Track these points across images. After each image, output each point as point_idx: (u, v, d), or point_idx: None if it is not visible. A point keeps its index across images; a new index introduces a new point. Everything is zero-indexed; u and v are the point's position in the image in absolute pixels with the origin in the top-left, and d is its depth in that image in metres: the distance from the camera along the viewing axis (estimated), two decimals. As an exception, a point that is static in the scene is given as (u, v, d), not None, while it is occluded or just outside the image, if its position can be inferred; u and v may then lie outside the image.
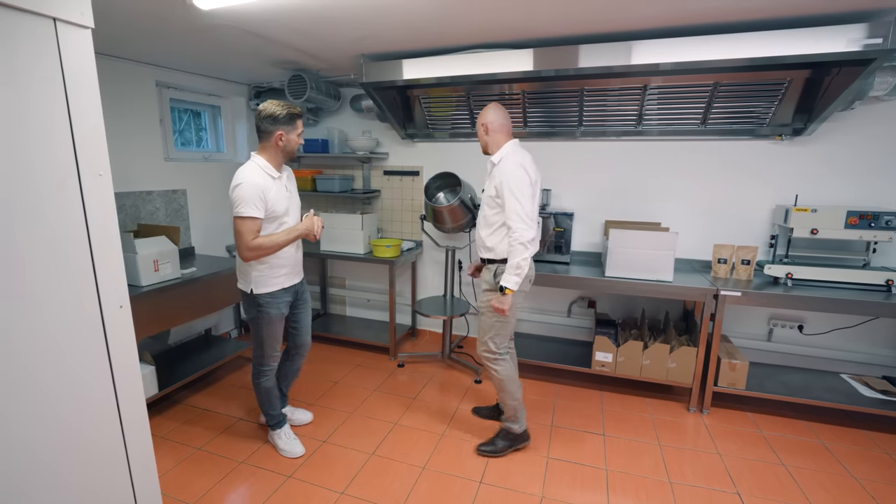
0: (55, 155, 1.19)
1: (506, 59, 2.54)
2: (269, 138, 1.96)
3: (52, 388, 1.22)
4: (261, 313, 2.05)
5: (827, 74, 2.40)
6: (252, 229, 1.88)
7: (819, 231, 2.51)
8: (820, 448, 2.36)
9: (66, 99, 1.22)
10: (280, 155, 2.00)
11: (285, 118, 1.94)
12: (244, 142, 3.79)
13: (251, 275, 2.02)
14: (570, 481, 2.08)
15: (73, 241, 1.24)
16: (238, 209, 1.86)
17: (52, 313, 1.20)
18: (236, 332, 3.80)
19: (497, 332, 2.16)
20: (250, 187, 1.86)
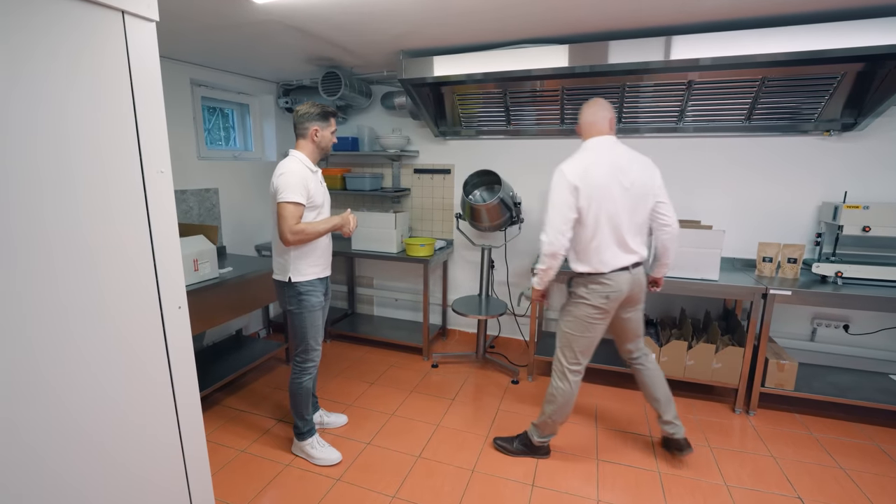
0: (122, 151, 1.16)
1: (541, 55, 2.50)
2: (305, 134, 2.05)
3: (117, 389, 1.19)
4: (301, 302, 2.05)
5: (882, 68, 2.33)
6: (296, 214, 1.93)
7: (871, 228, 2.45)
8: (876, 451, 2.30)
9: (132, 94, 1.19)
10: (316, 151, 2.09)
11: (320, 115, 2.05)
12: (272, 140, 3.76)
13: (289, 263, 2.04)
14: (623, 484, 2.04)
15: (136, 240, 1.22)
16: (284, 194, 1.90)
17: (119, 315, 1.17)
18: (265, 332, 3.78)
19: (566, 345, 2.05)
20: (294, 175, 1.93)
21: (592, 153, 1.90)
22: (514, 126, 3.25)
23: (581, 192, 1.82)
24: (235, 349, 3.14)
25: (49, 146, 1.00)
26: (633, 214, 1.89)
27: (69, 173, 1.04)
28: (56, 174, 1.02)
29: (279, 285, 2.10)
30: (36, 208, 0.99)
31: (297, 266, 2.04)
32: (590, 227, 1.87)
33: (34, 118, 0.97)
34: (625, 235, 1.88)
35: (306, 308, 2.07)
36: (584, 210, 1.84)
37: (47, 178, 1.00)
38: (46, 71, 0.99)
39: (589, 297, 1.94)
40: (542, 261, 1.93)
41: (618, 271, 1.91)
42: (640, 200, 1.90)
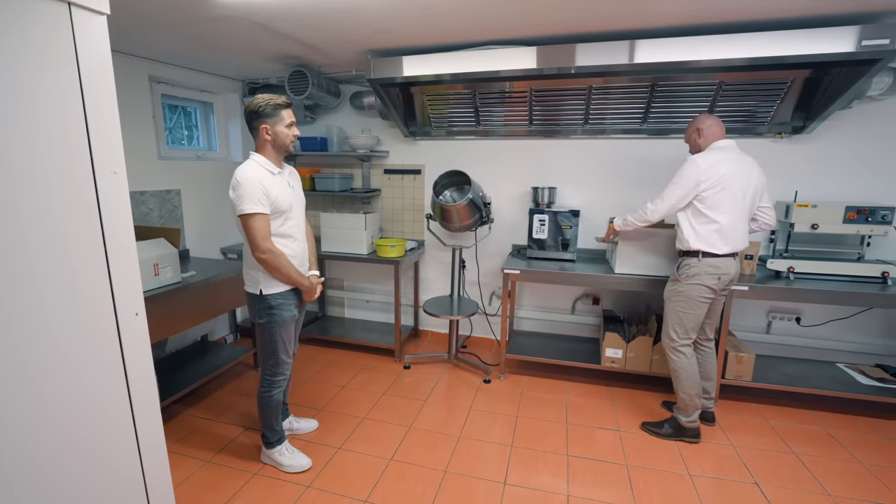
0: (69, 150, 1.10)
1: (510, 57, 2.53)
2: (256, 134, 1.88)
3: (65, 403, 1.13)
4: (272, 316, 1.95)
5: (827, 74, 2.47)
6: (262, 227, 1.81)
7: (819, 226, 2.59)
8: (826, 436, 2.43)
9: (81, 90, 1.13)
10: (272, 149, 1.90)
11: (268, 110, 1.84)
12: (238, 140, 3.66)
13: (259, 275, 1.92)
14: (593, 478, 2.08)
15: (87, 244, 1.16)
16: (242, 206, 1.77)
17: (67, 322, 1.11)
18: (232, 338, 3.67)
19: (678, 323, 2.25)
20: (249, 182, 1.78)
21: (721, 152, 2.14)
22: (484, 127, 3.27)
23: (707, 182, 2.08)
24: (200, 356, 3.04)
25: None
26: (745, 208, 2.15)
27: (4, 174, 0.98)
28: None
29: (250, 297, 1.99)
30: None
31: (268, 278, 1.92)
32: (712, 212, 2.11)
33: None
34: (738, 225, 2.14)
35: (277, 322, 1.96)
36: (709, 197, 2.09)
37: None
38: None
39: (702, 276, 2.15)
40: (638, 220, 2.31)
41: (728, 256, 2.15)
42: (752, 198, 2.16)
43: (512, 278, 2.83)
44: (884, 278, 2.53)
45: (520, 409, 2.66)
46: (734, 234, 2.15)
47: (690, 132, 2.27)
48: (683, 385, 2.28)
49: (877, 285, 2.51)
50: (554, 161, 3.22)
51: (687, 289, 2.21)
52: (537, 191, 3.05)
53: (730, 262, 2.18)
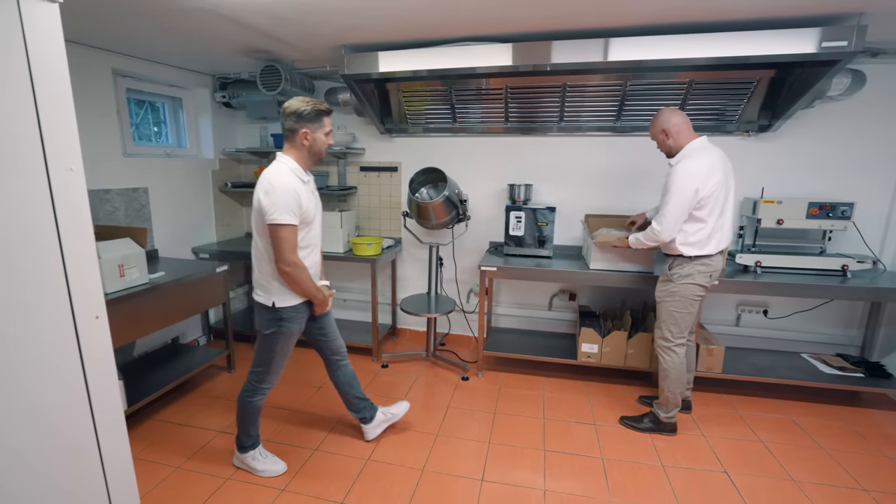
0: (19, 146, 1.05)
1: (486, 53, 2.52)
2: (294, 137, 1.81)
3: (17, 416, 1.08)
4: (281, 328, 1.88)
5: (790, 74, 2.55)
6: (292, 239, 1.74)
7: (784, 221, 2.68)
8: (791, 424, 2.52)
9: (32, 83, 1.08)
10: (307, 156, 1.84)
11: (311, 115, 1.79)
12: (209, 137, 3.56)
13: (273, 285, 1.84)
14: (569, 472, 2.11)
15: (41, 244, 1.11)
16: (275, 215, 1.69)
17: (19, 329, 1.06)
18: (205, 340, 3.58)
19: (673, 322, 2.25)
20: (286, 191, 1.70)
21: (706, 154, 2.11)
22: (460, 124, 3.26)
23: (703, 189, 2.06)
24: (171, 359, 2.95)
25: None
26: (730, 205, 2.17)
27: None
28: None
29: (261, 307, 1.90)
30: None
31: (283, 290, 1.85)
32: (704, 217, 2.11)
33: None
34: (725, 223, 2.17)
35: (283, 334, 1.90)
36: (706, 205, 2.09)
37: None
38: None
39: (695, 275, 2.18)
40: (650, 240, 2.22)
41: (717, 254, 2.18)
42: (731, 193, 2.18)
43: (489, 275, 2.83)
44: (843, 271, 2.63)
45: (498, 406, 2.67)
46: (720, 234, 2.17)
47: (656, 132, 2.20)
48: (671, 384, 2.30)
49: (837, 278, 2.61)
50: (530, 158, 3.23)
51: (681, 289, 2.22)
52: (514, 188, 3.07)
53: (718, 258, 2.21)
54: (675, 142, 2.16)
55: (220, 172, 3.63)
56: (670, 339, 2.29)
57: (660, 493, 1.97)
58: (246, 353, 3.34)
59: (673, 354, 2.29)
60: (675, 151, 2.18)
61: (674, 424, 2.40)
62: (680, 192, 2.07)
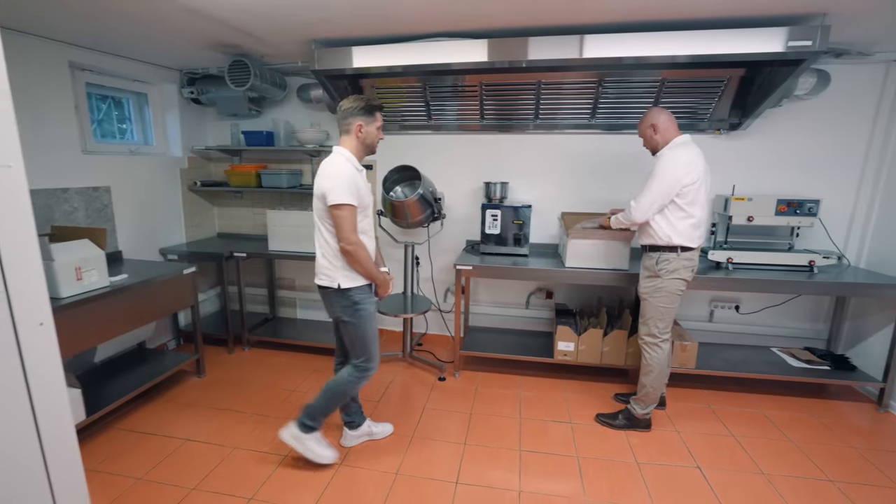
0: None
1: (461, 49, 2.49)
2: (349, 130, 1.94)
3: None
4: (358, 312, 1.96)
5: (759, 73, 2.59)
6: (352, 218, 1.85)
7: (754, 218, 2.72)
8: (761, 417, 2.57)
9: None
10: (361, 148, 1.97)
11: (364, 109, 1.93)
12: (177, 134, 3.44)
13: (338, 270, 1.93)
14: (544, 472, 2.10)
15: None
16: (337, 197, 1.80)
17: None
18: (174, 344, 3.46)
19: (659, 318, 2.27)
20: (346, 176, 1.83)
21: (689, 147, 2.16)
22: (435, 121, 3.23)
23: (684, 179, 2.10)
24: (137, 364, 2.84)
25: None
26: (706, 202, 2.20)
27: None
28: None
29: (327, 292, 1.98)
30: None
31: (347, 272, 1.93)
32: (691, 207, 2.14)
33: None
34: (704, 218, 2.20)
35: (364, 316, 1.97)
36: (689, 193, 2.11)
37: None
38: None
39: (681, 270, 2.20)
40: (627, 219, 2.28)
41: (697, 249, 2.22)
42: (707, 190, 2.20)
43: (465, 274, 2.81)
44: (810, 267, 2.69)
45: (474, 406, 2.65)
46: (703, 229, 2.22)
47: (645, 128, 2.26)
48: (654, 380, 2.31)
49: (805, 273, 2.66)
50: (506, 156, 3.22)
51: (667, 284, 2.23)
52: (490, 186, 3.04)
53: (697, 254, 2.25)
54: (661, 138, 2.21)
55: (189, 171, 3.52)
56: (657, 335, 2.30)
57: (634, 491, 1.98)
58: (218, 357, 3.25)
59: (659, 350, 2.30)
60: (660, 147, 2.22)
61: (648, 420, 2.41)
62: (662, 178, 2.13)
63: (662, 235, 2.20)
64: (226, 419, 2.49)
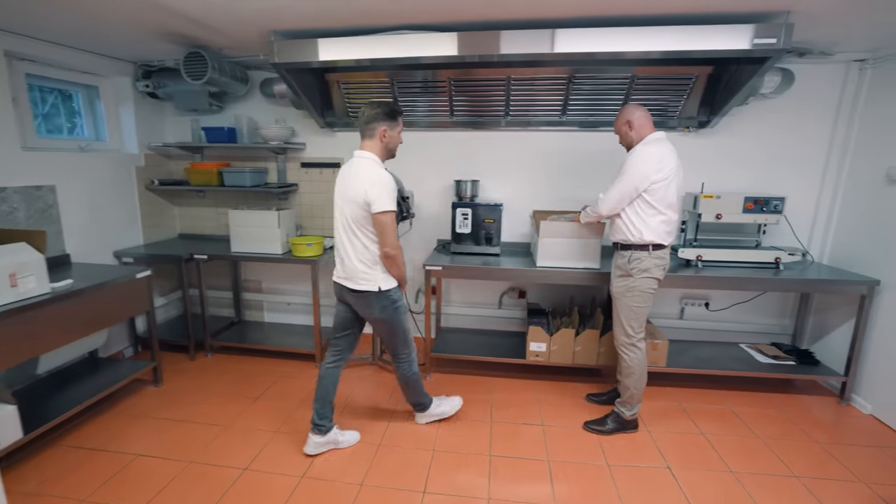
0: None
1: (430, 42, 2.41)
2: (373, 135, 2.00)
3: None
4: (398, 308, 2.10)
5: (726, 71, 2.60)
6: (395, 224, 1.97)
7: (723, 216, 2.73)
8: (730, 414, 2.58)
9: None
10: (384, 152, 2.05)
11: (388, 114, 2.00)
12: (132, 130, 3.25)
13: (378, 273, 2.01)
14: (514, 477, 2.05)
15: None
16: (383, 204, 1.88)
17: None
18: (132, 351, 3.29)
19: (633, 318, 2.24)
20: (388, 183, 1.92)
21: (664, 143, 2.13)
22: (405, 117, 3.12)
23: (659, 173, 2.06)
24: (88, 375, 2.67)
25: None
26: (677, 200, 2.17)
27: None
28: None
29: (366, 296, 2.03)
30: None
31: (385, 276, 2.04)
32: (661, 204, 2.11)
33: None
34: (675, 216, 2.17)
35: (402, 312, 2.12)
36: (659, 190, 2.08)
37: None
38: None
39: (653, 269, 2.18)
40: (594, 212, 2.30)
41: (667, 247, 2.20)
42: (678, 189, 2.17)
43: (434, 275, 2.74)
44: (776, 264, 2.72)
45: (445, 410, 2.58)
46: (674, 226, 2.20)
47: (620, 124, 2.23)
48: (637, 381, 2.28)
49: (771, 270, 2.69)
50: (477, 153, 3.16)
51: (640, 283, 2.20)
52: (460, 184, 2.98)
53: (668, 252, 2.23)
54: (636, 134, 2.18)
55: (146, 169, 3.34)
56: (632, 335, 2.27)
57: (604, 495, 1.94)
58: (178, 365, 3.10)
59: (637, 351, 2.27)
60: (635, 144, 2.19)
61: (636, 421, 2.39)
62: (631, 173, 2.10)
63: (634, 232, 2.17)
64: (182, 431, 2.36)
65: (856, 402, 2.67)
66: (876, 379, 2.55)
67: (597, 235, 2.60)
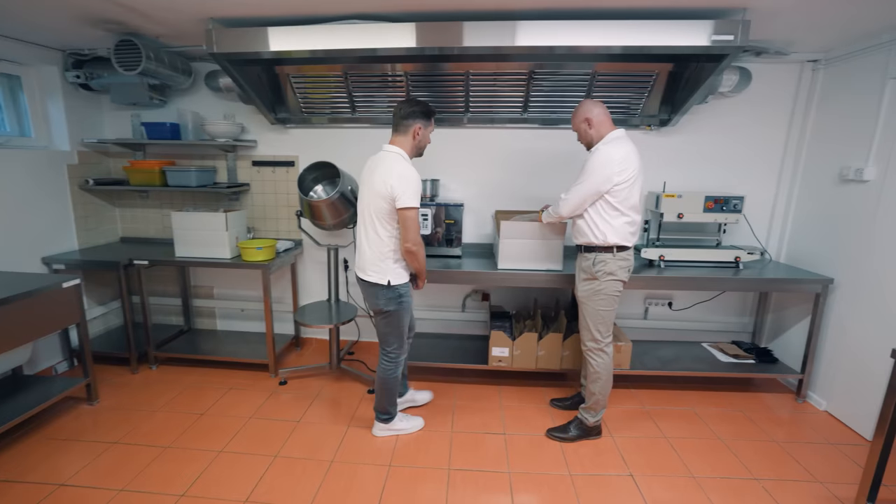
0: None
1: (387, 33, 2.27)
2: (406, 131, 2.03)
3: None
4: (402, 303, 2.11)
5: (686, 69, 2.57)
6: (418, 220, 1.99)
7: (684, 215, 2.71)
8: (692, 415, 2.57)
9: None
10: (414, 149, 2.08)
11: (425, 113, 2.03)
12: (62, 124, 2.98)
13: (389, 265, 2.05)
14: (473, 492, 1.95)
15: None
16: (409, 200, 1.91)
17: None
18: (66, 366, 3.03)
19: (600, 322, 2.19)
20: (416, 179, 1.95)
21: (625, 143, 2.05)
22: (361, 113, 3.00)
23: (616, 178, 2.00)
24: (8, 395, 2.42)
25: None
26: (639, 200, 2.12)
27: None
28: None
29: (374, 288, 2.08)
30: None
31: (397, 269, 2.07)
32: (624, 206, 2.05)
33: None
34: (638, 218, 2.12)
35: (405, 307, 2.13)
36: (622, 191, 2.02)
37: None
38: None
39: (618, 272, 2.13)
40: (556, 212, 2.23)
41: (631, 248, 2.16)
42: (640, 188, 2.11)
43: (393, 279, 2.61)
44: (736, 263, 2.72)
45: (404, 421, 2.46)
46: (637, 227, 2.16)
47: (579, 122, 2.15)
48: (603, 386, 2.22)
49: (731, 269, 2.69)
50: (437, 151, 3.02)
51: (606, 286, 2.14)
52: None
53: (632, 253, 2.19)
54: (596, 132, 2.11)
55: (79, 167, 3.08)
56: (600, 340, 2.21)
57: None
58: (119, 379, 2.87)
59: (604, 356, 2.21)
60: (595, 142, 2.12)
61: (599, 428, 2.34)
62: (594, 175, 2.03)
63: (598, 234, 2.10)
64: (115, 455, 2.16)
65: (812, 398, 2.71)
66: (830, 376, 2.59)
67: (559, 236, 2.53)
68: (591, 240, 2.13)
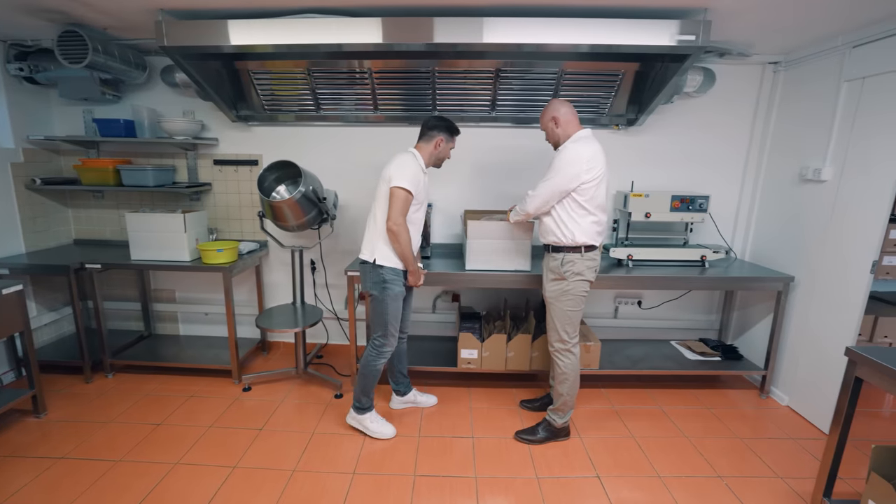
0: None
1: (352, 28, 2.19)
2: (430, 140, 2.16)
3: None
4: (385, 290, 2.13)
5: (652, 69, 2.57)
6: (406, 204, 2.03)
7: (652, 214, 2.73)
8: (660, 413, 2.59)
9: None
10: (432, 157, 2.19)
11: (449, 129, 2.18)
12: (5, 120, 2.80)
13: (378, 244, 2.11)
14: (439, 498, 1.91)
15: None
16: (399, 180, 2.01)
17: None
18: (13, 377, 2.86)
19: (568, 323, 2.17)
20: (415, 168, 2.07)
21: (592, 141, 2.06)
22: (325, 111, 2.91)
23: (584, 176, 1.99)
24: (-55, 409, 2.26)
25: None
26: (606, 199, 2.14)
27: None
28: None
29: (364, 266, 2.16)
30: None
31: (384, 250, 2.10)
32: (591, 205, 2.05)
33: None
34: (604, 217, 2.13)
35: (388, 296, 2.13)
36: (589, 190, 2.02)
37: None
38: None
39: (585, 272, 2.12)
40: (523, 210, 2.20)
41: (598, 248, 2.16)
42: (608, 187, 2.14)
43: (357, 280, 2.54)
44: (702, 261, 2.75)
45: (371, 426, 2.41)
46: (604, 226, 2.16)
47: (546, 121, 2.14)
48: (571, 387, 2.21)
49: (698, 268, 2.72)
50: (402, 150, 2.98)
51: (574, 286, 2.13)
52: (387, 183, 2.79)
53: (599, 252, 2.18)
54: (563, 131, 2.10)
55: (25, 165, 2.90)
56: (567, 341, 2.19)
57: (531, 511, 1.85)
58: (71, 389, 2.73)
59: (571, 356, 2.20)
60: (562, 141, 2.10)
61: (568, 429, 2.33)
62: (561, 172, 2.02)
63: (566, 233, 2.08)
64: (60, 471, 2.04)
65: (774, 394, 2.76)
66: (791, 372, 2.64)
67: (527, 236, 2.51)
68: (560, 238, 2.11)
